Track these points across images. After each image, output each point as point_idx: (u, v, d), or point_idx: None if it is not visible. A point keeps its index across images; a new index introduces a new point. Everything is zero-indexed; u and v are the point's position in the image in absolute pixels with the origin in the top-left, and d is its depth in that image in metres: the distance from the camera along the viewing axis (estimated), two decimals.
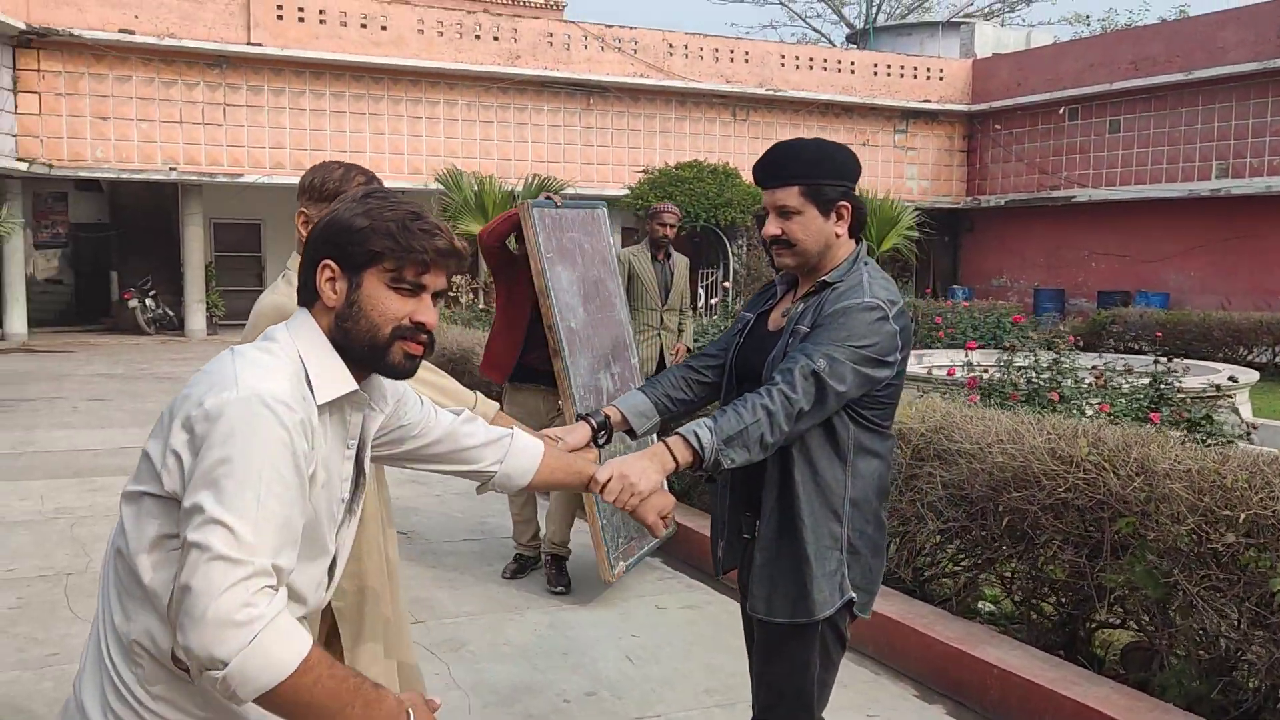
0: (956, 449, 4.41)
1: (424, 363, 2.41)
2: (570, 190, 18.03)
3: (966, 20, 31.62)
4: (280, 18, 19.96)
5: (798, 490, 2.31)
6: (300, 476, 1.48)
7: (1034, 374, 6.73)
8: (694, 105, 24.29)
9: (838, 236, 2.39)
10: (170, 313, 21.28)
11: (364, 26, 20.71)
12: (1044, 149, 25.76)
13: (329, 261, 1.63)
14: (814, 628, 2.36)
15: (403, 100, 21.37)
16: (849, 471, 2.33)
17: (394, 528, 2.66)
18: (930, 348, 13.15)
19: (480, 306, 15.71)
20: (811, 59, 25.83)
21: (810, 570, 2.31)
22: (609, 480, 2.14)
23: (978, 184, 27.47)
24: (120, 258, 22.37)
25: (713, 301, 18.27)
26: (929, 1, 42.69)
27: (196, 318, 20.75)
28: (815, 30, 49.75)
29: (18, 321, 18.95)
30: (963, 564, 4.72)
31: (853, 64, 26.13)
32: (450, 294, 18.05)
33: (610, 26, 23.18)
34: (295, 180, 16.72)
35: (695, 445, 2.17)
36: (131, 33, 18.85)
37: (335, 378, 1.61)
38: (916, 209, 21.72)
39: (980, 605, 4.83)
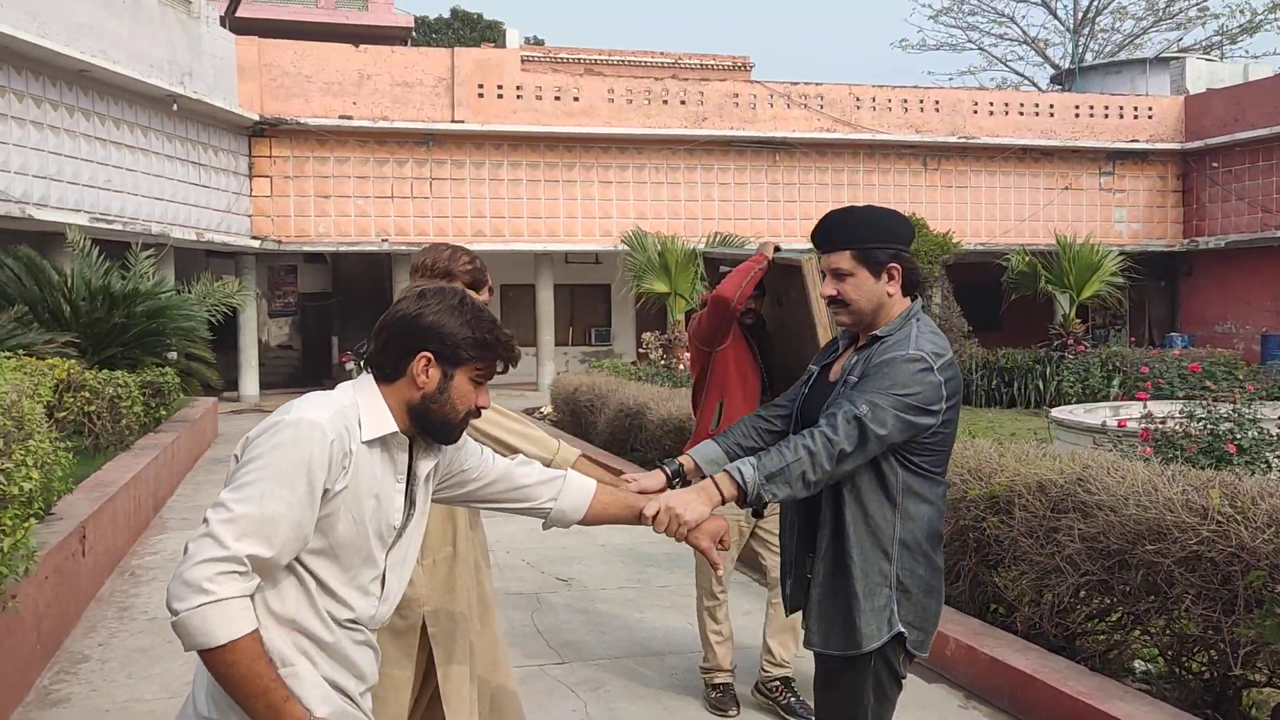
0: (1095, 501, 4.35)
1: (513, 414, 2.72)
2: (752, 246, 18.27)
3: (1177, 56, 30.10)
4: (481, 95, 21.31)
5: (848, 530, 2.49)
6: (311, 490, 1.83)
7: (1211, 425, 6.43)
8: (882, 157, 24.17)
9: (890, 295, 2.57)
10: None
11: (557, 99, 21.82)
12: (1266, 186, 24.11)
13: (428, 354, 2.00)
14: (866, 662, 2.49)
15: (593, 166, 22.32)
16: (898, 513, 2.49)
17: (489, 566, 2.95)
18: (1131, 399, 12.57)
19: (662, 363, 16.11)
20: (1007, 104, 25.25)
21: (859, 605, 2.47)
22: (658, 513, 2.38)
23: (1194, 225, 25.94)
24: (341, 324, 24.24)
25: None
26: (1140, 39, 40.88)
27: None
28: (1017, 74, 48.44)
29: (250, 384, 20.80)
30: (1110, 620, 4.61)
31: (1052, 106, 25.36)
32: (641, 350, 18.59)
33: (795, 84, 23.48)
34: (497, 247, 17.92)
35: (739, 480, 2.40)
36: (350, 118, 20.59)
37: (382, 421, 1.98)
38: (1123, 253, 20.75)
39: (1135, 664, 4.69)
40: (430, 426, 2.02)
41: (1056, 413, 11.13)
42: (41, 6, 14.43)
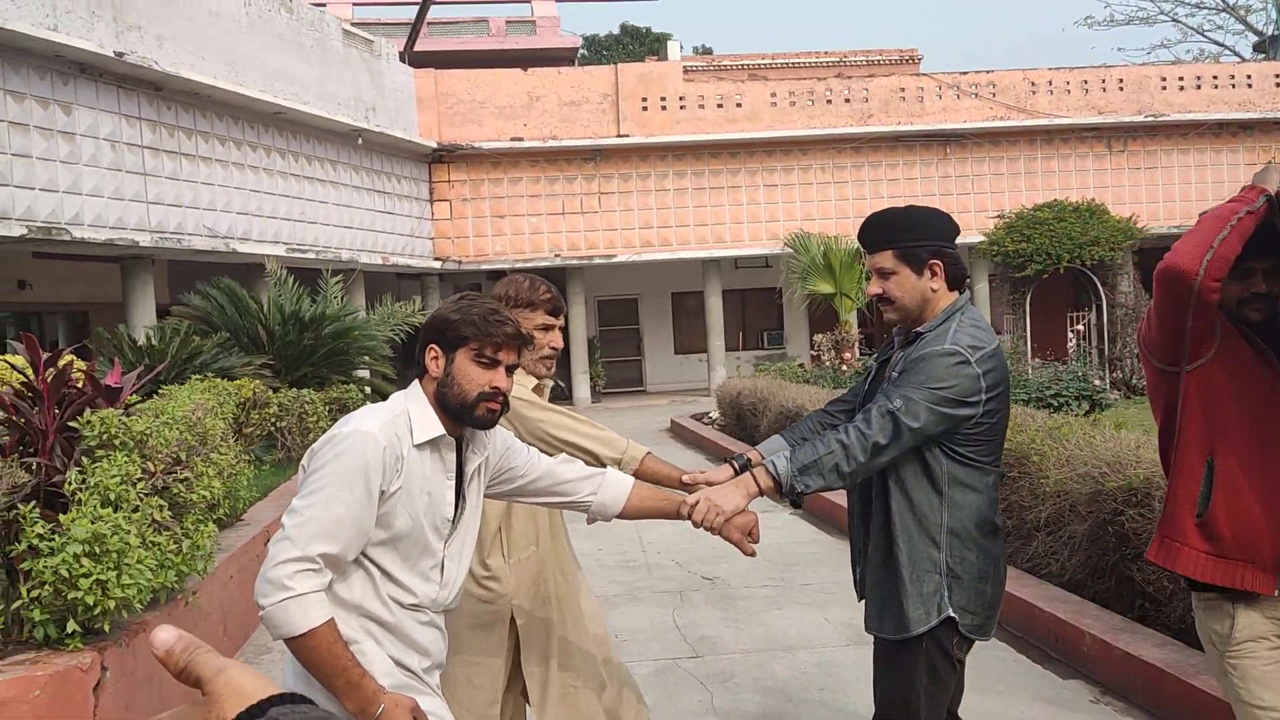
0: None
1: (584, 419, 2.91)
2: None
3: None
4: (645, 109, 21.75)
5: (894, 519, 2.59)
6: (369, 492, 2.07)
7: None
8: (1061, 142, 23.19)
9: (934, 291, 2.65)
10: (561, 384, 23.58)
11: (720, 106, 22.01)
12: None
13: (433, 344, 2.23)
14: (917, 644, 2.56)
15: (758, 170, 22.38)
16: (945, 502, 2.56)
17: (579, 570, 3.15)
18: None
19: (830, 365, 16.00)
20: (1199, 77, 23.77)
21: (906, 591, 2.56)
22: (697, 503, 2.53)
23: None
24: None
25: (1071, 347, 17.25)
26: None
27: (582, 387, 22.81)
28: (1216, 44, 45.31)
29: None
30: None
31: (1249, 77, 23.71)
32: (814, 352, 18.52)
33: (965, 74, 22.85)
34: (665, 256, 18.27)
35: (774, 473, 2.53)
36: (520, 139, 21.41)
37: (429, 425, 2.22)
38: None
39: None
40: (451, 412, 2.21)
41: None
42: (239, 57, 15.74)
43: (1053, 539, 5.61)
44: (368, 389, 13.29)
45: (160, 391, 6.73)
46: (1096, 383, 14.22)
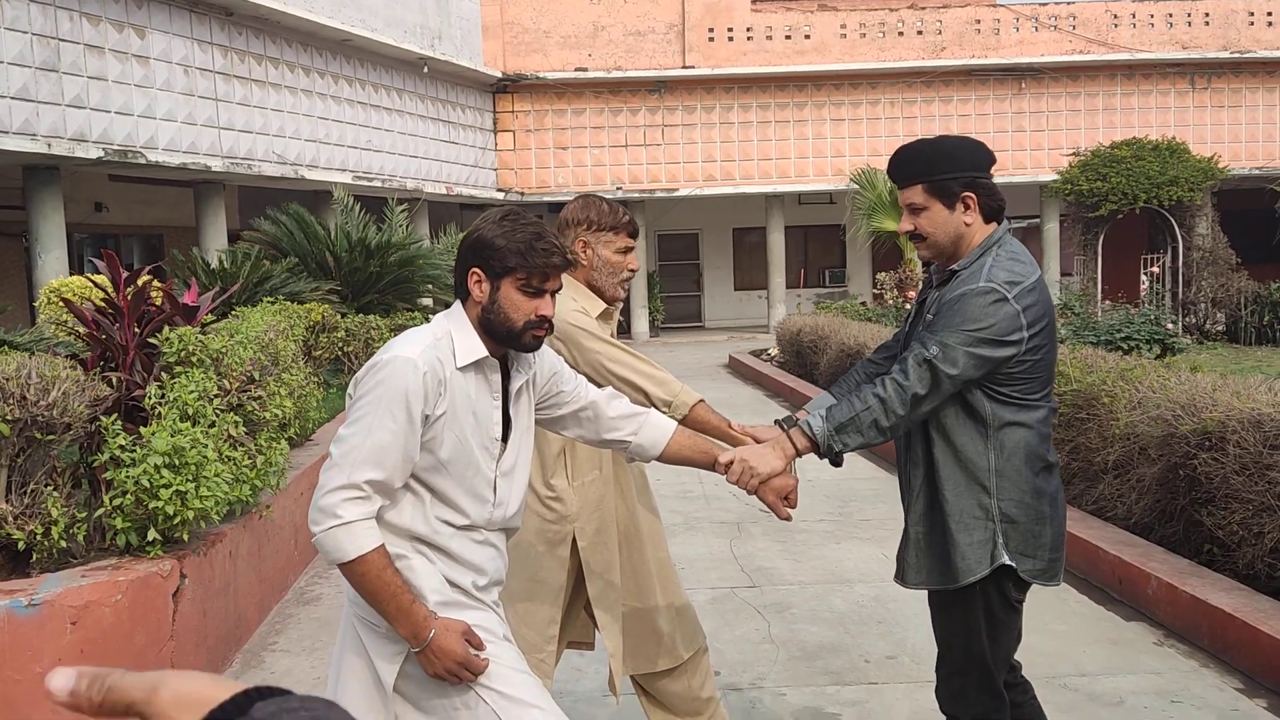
0: None
1: (642, 356, 2.90)
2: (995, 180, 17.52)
3: None
4: (711, 39, 21.40)
5: (939, 467, 2.50)
6: (411, 418, 2.07)
7: None
8: (1142, 78, 22.42)
9: (967, 225, 2.53)
10: (620, 318, 23.59)
11: (788, 38, 21.58)
12: None
13: (476, 269, 2.19)
14: (972, 591, 2.50)
15: (825, 104, 21.98)
16: (991, 445, 2.46)
17: (648, 493, 3.17)
18: None
19: (892, 303, 15.82)
20: None
21: (953, 540, 2.47)
22: (731, 463, 2.49)
23: None
24: None
25: (1143, 289, 16.83)
26: None
27: (640, 321, 22.83)
28: None
29: None
30: None
31: None
32: (876, 291, 18.28)
33: (1044, 4, 22.13)
34: (728, 190, 18.18)
35: (809, 433, 2.47)
36: (585, 70, 21.23)
37: (473, 348, 2.18)
38: None
39: None
40: (499, 337, 2.18)
41: None
42: None
43: (1120, 482, 5.54)
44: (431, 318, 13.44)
45: (233, 312, 6.87)
46: (1169, 326, 13.89)
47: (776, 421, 2.85)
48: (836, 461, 2.60)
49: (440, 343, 2.16)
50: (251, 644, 4.73)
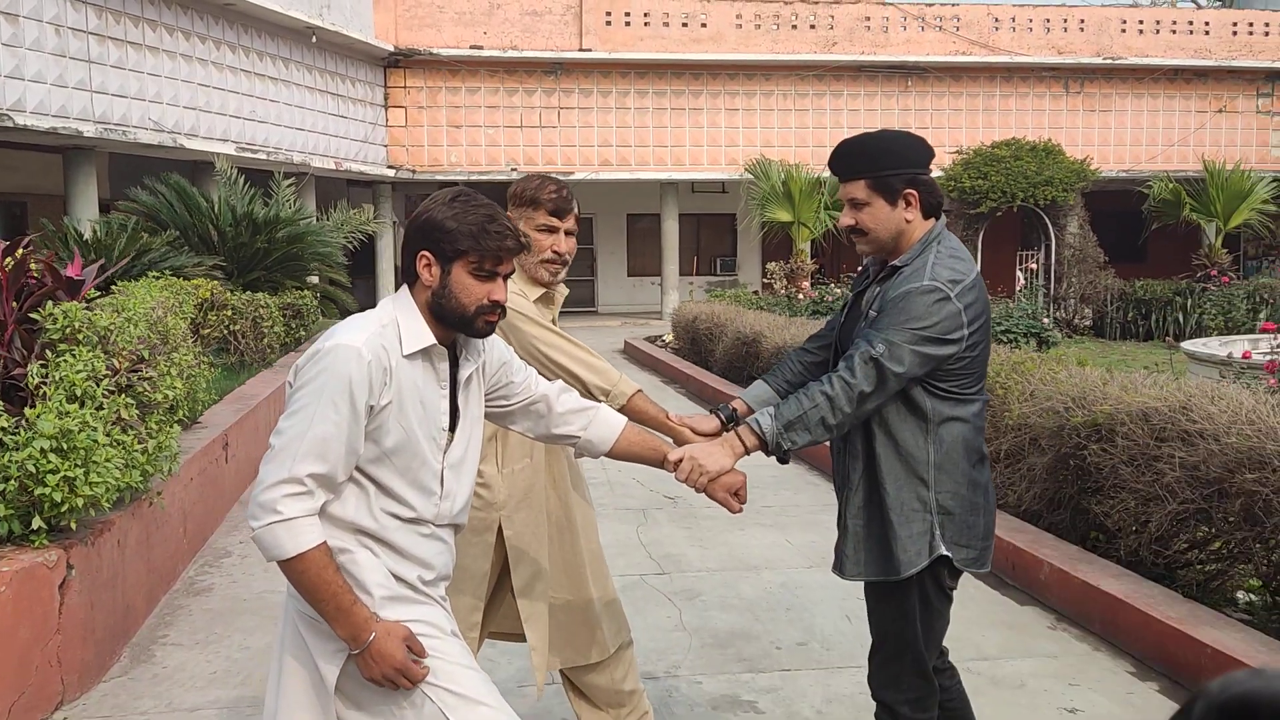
0: (1197, 429, 4.28)
1: (579, 342, 2.85)
2: None
3: None
4: (609, 23, 21.31)
5: (879, 461, 2.52)
6: (354, 409, 1.99)
7: None
8: (1020, 80, 23.24)
9: (908, 221, 2.55)
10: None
11: (685, 25, 21.64)
12: None
13: (426, 252, 2.10)
14: (910, 582, 2.53)
15: (720, 93, 22.14)
16: (930, 440, 2.50)
17: (581, 483, 3.12)
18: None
19: (784, 293, 16.06)
20: (1158, 22, 23.88)
21: (894, 533, 2.50)
22: (680, 460, 2.48)
23: None
24: None
25: (1019, 285, 17.48)
26: None
27: None
28: None
29: None
30: (1212, 549, 4.55)
31: (1207, 24, 23.87)
32: (766, 280, 18.51)
33: (930, 5, 22.70)
34: (623, 176, 18.07)
35: (758, 431, 2.47)
36: (481, 48, 20.90)
37: (420, 335, 2.10)
38: (1278, 180, 19.57)
39: (1239, 595, 4.63)
40: (449, 322, 2.11)
41: (1187, 345, 10.73)
42: None
43: (1011, 471, 5.71)
44: (322, 296, 13.06)
45: (114, 287, 6.53)
46: (1046, 321, 14.46)
47: (713, 410, 2.84)
48: (784, 459, 2.59)
49: (386, 329, 2.07)
50: (140, 637, 4.52)
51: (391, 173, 20.99)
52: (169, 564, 5.18)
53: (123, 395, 4.45)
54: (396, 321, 2.10)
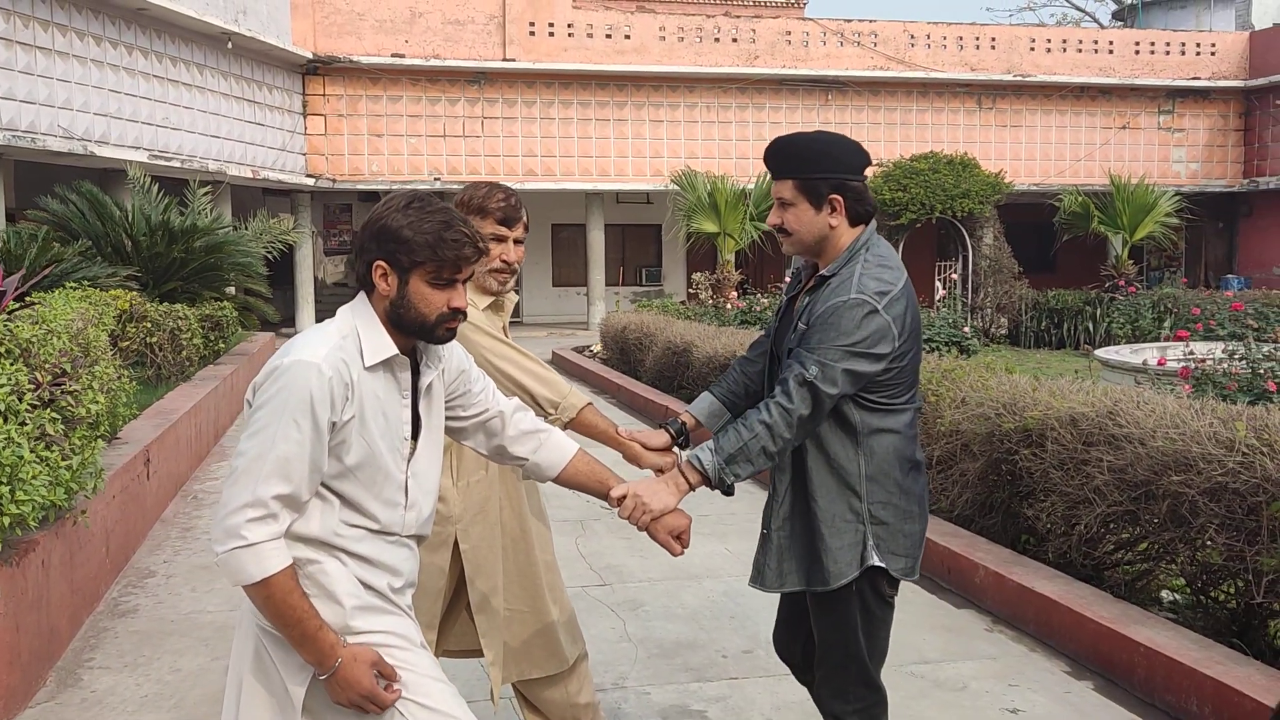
0: (1124, 434, 4.41)
1: (529, 353, 2.83)
2: None
3: None
4: (532, 34, 21.27)
5: (810, 474, 2.52)
6: (317, 427, 1.94)
7: (1251, 364, 6.42)
8: (936, 96, 23.79)
9: (832, 227, 2.54)
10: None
11: (609, 37, 21.71)
12: None
13: (381, 262, 2.05)
14: (847, 592, 2.53)
15: (644, 105, 22.24)
16: (861, 451, 2.50)
17: (536, 496, 3.10)
18: (1173, 340, 12.43)
19: (711, 303, 16.16)
20: (1065, 41, 24.67)
21: (824, 544, 2.50)
22: (623, 498, 2.44)
23: (1256, 165, 25.28)
24: None
25: (939, 295, 17.90)
26: None
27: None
28: (1078, 9, 47.09)
29: (307, 320, 21.22)
30: (1138, 550, 4.69)
31: (1111, 43, 24.72)
32: (691, 290, 18.63)
33: (849, 21, 23.12)
34: (548, 186, 18.02)
35: (700, 468, 2.44)
36: (402, 56, 20.68)
37: (381, 346, 2.06)
38: (1180, 194, 20.36)
39: (1163, 594, 4.78)
40: (409, 331, 2.07)
41: (1101, 353, 11.08)
42: None
43: (944, 477, 5.83)
44: (241, 307, 12.77)
45: (31, 299, 6.30)
46: (966, 330, 14.81)
47: (662, 425, 2.83)
48: (728, 492, 2.55)
49: (346, 341, 2.03)
50: (65, 660, 4.35)
51: (311, 181, 20.63)
52: (92, 585, 5.00)
53: (47, 410, 4.30)
54: (356, 332, 2.05)
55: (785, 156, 2.57)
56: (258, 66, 19.12)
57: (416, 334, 2.09)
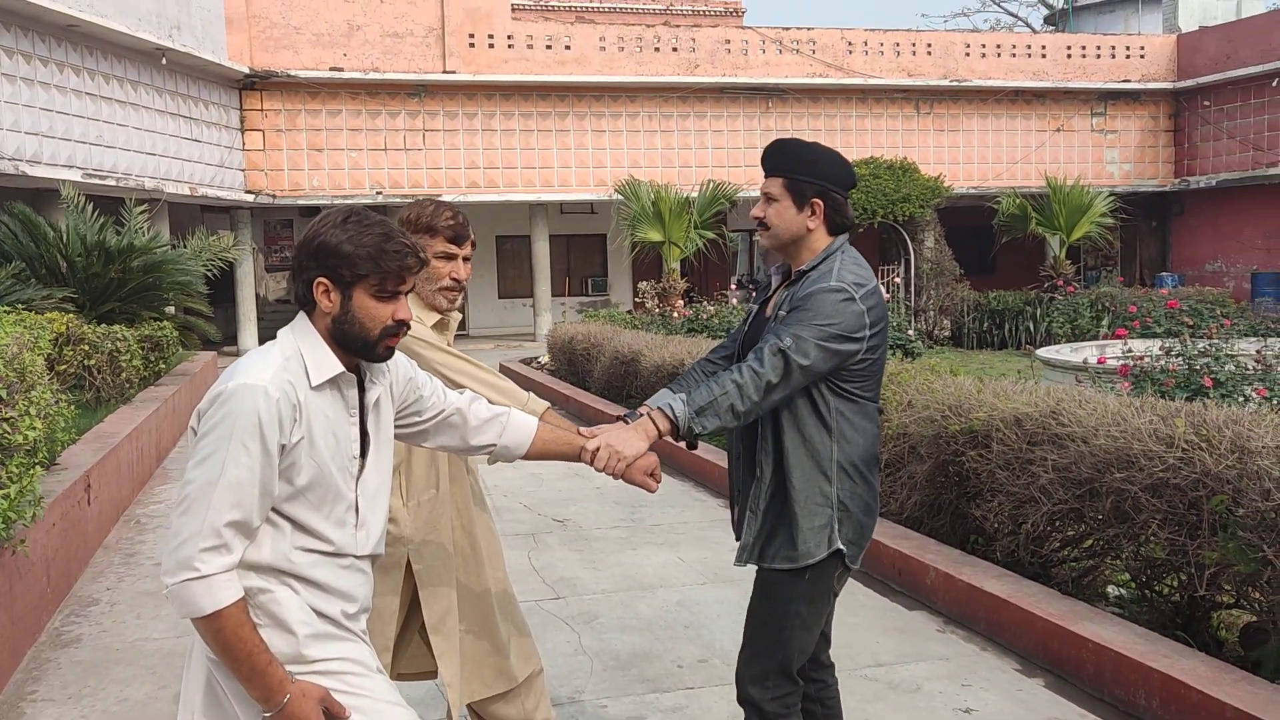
0: (1067, 432, 4.49)
1: (483, 365, 2.83)
2: (743, 195, 18.32)
3: None
4: (472, 45, 21.19)
5: (788, 454, 2.64)
6: (266, 450, 1.92)
7: (1187, 361, 6.57)
8: (875, 101, 24.08)
9: (809, 230, 2.70)
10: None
11: (549, 48, 21.69)
12: (1258, 124, 24.06)
13: (323, 279, 2.03)
14: (802, 575, 2.65)
15: (586, 115, 22.25)
16: (834, 437, 2.64)
17: (488, 515, 3.09)
18: (1112, 339, 12.68)
19: (658, 312, 16.18)
20: (999, 46, 25.11)
21: (798, 524, 2.63)
22: (598, 449, 2.54)
23: (1186, 165, 25.93)
24: None
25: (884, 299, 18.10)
26: None
27: None
28: (1011, 14, 48.03)
29: (249, 338, 20.91)
30: (1084, 547, 4.77)
31: (1044, 48, 25.22)
32: (638, 300, 18.66)
33: (788, 29, 23.33)
34: (491, 198, 17.89)
35: (671, 415, 2.56)
36: (341, 70, 20.49)
37: (326, 365, 2.04)
38: (1114, 194, 20.81)
39: (1109, 589, 4.87)
40: (352, 348, 2.05)
41: (1042, 352, 11.27)
42: None
43: (893, 479, 5.89)
44: (182, 327, 12.54)
45: None
46: (910, 333, 14.98)
47: (621, 418, 2.86)
48: (692, 444, 2.66)
49: (290, 362, 2.00)
50: (7, 694, 4.23)
51: (250, 197, 20.35)
52: (33, 615, 4.87)
53: None
54: (300, 353, 2.03)
55: (780, 156, 2.73)
56: (193, 82, 18.83)
57: (359, 350, 2.07)
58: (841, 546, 2.64)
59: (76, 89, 15.77)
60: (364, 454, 2.12)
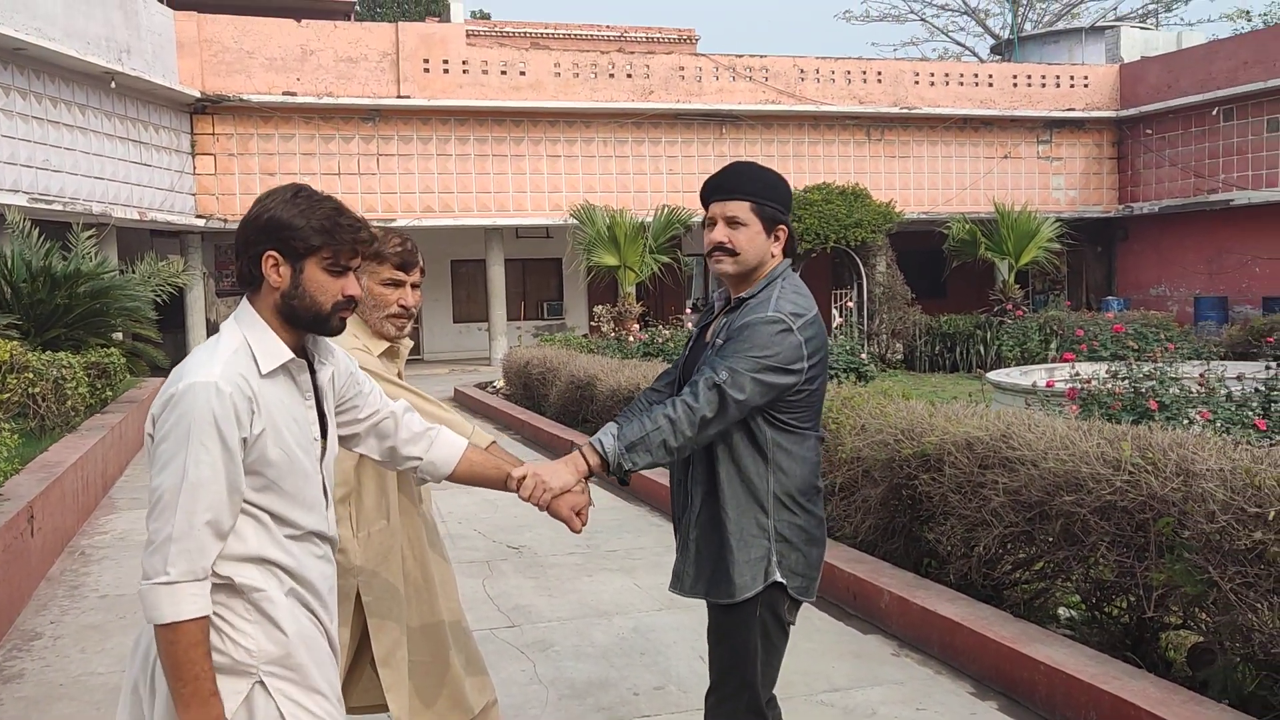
0: (1017, 456, 4.55)
1: (431, 398, 2.82)
2: (697, 219, 18.42)
3: (1112, 25, 30.60)
4: (427, 70, 21.18)
5: (722, 486, 2.60)
6: (227, 447, 1.91)
7: (1133, 384, 6.69)
8: (826, 128, 24.38)
9: (773, 256, 2.69)
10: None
11: (504, 73, 21.73)
12: (1199, 152, 24.69)
13: (273, 252, 2.02)
14: (750, 610, 2.59)
15: (541, 140, 22.29)
16: (771, 469, 2.59)
17: (438, 540, 3.07)
18: (1062, 362, 12.88)
19: (614, 336, 16.21)
20: (947, 74, 25.55)
21: (732, 556, 2.57)
22: (523, 479, 2.50)
23: (1130, 191, 26.51)
24: None
25: (836, 323, 18.28)
26: (1077, 8, 41.42)
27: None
28: (958, 44, 48.95)
29: None
30: (1035, 569, 4.83)
31: (991, 77, 25.70)
32: (593, 324, 18.67)
33: (740, 56, 23.57)
34: (446, 222, 17.77)
35: (600, 451, 2.51)
36: (294, 94, 20.37)
37: (275, 351, 2.03)
38: (1061, 220, 21.20)
39: (1060, 611, 4.92)
40: (304, 323, 2.05)
41: (993, 375, 11.43)
42: None
43: (847, 503, 5.92)
44: (130, 353, 12.34)
45: None
46: (863, 356, 15.12)
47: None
48: (624, 480, 2.61)
49: (238, 355, 1.99)
50: None
51: (201, 222, 20.12)
52: None
53: None
54: (247, 343, 2.02)
55: (745, 179, 2.68)
56: (143, 106, 18.62)
57: (310, 325, 2.07)
58: (781, 579, 2.58)
59: (23, 112, 15.54)
60: (324, 435, 2.14)
